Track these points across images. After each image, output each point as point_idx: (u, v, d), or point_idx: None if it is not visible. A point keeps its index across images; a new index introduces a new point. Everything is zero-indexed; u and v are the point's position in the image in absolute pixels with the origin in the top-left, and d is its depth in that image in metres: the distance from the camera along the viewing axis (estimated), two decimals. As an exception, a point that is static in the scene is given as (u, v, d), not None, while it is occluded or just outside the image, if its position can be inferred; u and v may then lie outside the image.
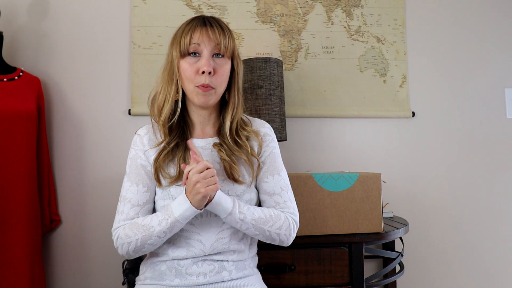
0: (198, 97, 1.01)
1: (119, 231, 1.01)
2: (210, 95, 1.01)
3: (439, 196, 1.95)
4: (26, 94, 1.58)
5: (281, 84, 1.68)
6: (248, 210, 0.98)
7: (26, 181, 1.52)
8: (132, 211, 1.02)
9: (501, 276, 1.97)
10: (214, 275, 1.02)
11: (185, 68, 1.00)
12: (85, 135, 1.77)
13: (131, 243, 0.98)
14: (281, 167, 1.10)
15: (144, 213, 1.03)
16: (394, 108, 1.93)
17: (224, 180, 1.03)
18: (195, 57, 1.00)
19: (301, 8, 1.91)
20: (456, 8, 2.01)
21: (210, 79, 0.99)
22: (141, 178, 1.03)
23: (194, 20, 1.03)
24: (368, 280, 1.46)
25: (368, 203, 1.38)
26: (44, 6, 1.77)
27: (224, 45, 1.00)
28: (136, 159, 1.05)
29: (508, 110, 2.01)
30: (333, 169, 1.88)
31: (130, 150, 1.07)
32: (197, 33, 0.99)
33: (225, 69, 1.02)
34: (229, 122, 1.05)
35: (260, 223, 0.99)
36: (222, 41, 1.00)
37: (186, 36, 1.00)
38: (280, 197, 1.05)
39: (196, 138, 1.07)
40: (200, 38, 0.99)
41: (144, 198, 1.03)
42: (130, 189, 1.03)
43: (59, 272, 1.72)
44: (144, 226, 0.97)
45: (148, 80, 1.79)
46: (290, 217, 1.04)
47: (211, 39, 0.99)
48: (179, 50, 1.01)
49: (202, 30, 1.00)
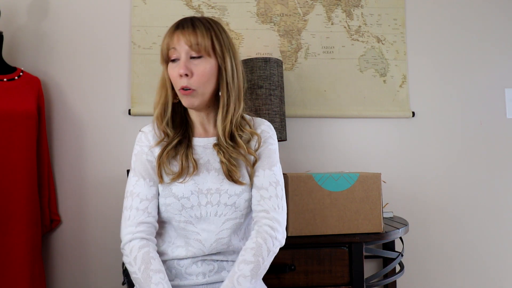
0: (183, 100, 1.02)
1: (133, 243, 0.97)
2: (193, 96, 1.00)
3: (439, 196, 1.95)
4: (26, 94, 1.58)
5: (281, 84, 1.68)
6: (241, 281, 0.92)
7: (26, 181, 1.52)
8: (141, 205, 1.00)
9: (501, 276, 1.96)
10: (213, 275, 1.02)
11: (170, 74, 1.01)
12: (85, 135, 1.77)
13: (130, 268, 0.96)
14: (275, 162, 1.07)
15: (153, 207, 1.01)
16: (394, 108, 1.93)
17: (224, 180, 1.02)
18: (175, 62, 1.00)
19: (301, 8, 1.91)
20: (456, 8, 2.01)
21: (188, 81, 0.98)
22: (147, 172, 1.03)
23: (173, 25, 1.02)
24: (368, 280, 1.46)
25: (368, 203, 1.37)
26: (44, 6, 1.77)
27: (197, 44, 0.98)
28: (142, 155, 1.05)
29: (508, 110, 2.01)
30: (333, 169, 1.88)
31: (134, 147, 1.07)
32: (173, 38, 0.99)
33: (204, 69, 0.99)
34: (220, 122, 1.03)
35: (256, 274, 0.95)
36: (193, 41, 0.98)
37: (164, 42, 1.01)
38: (266, 191, 1.02)
39: (198, 137, 1.07)
40: (176, 41, 0.99)
41: (152, 193, 1.02)
42: (137, 184, 1.02)
43: (59, 272, 1.72)
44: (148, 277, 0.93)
45: (148, 80, 1.79)
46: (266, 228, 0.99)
47: (185, 41, 0.98)
48: (161, 57, 1.02)
49: (176, 34, 0.99)
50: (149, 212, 1.00)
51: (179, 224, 1.02)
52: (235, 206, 1.02)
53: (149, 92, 1.77)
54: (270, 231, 0.99)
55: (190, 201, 1.00)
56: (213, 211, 1.01)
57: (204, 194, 1.01)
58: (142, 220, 0.99)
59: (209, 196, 1.01)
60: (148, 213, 1.00)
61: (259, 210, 1.02)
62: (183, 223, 1.01)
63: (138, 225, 0.99)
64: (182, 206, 1.00)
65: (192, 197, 1.00)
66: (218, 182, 1.01)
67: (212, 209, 1.01)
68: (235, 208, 1.02)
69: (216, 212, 1.01)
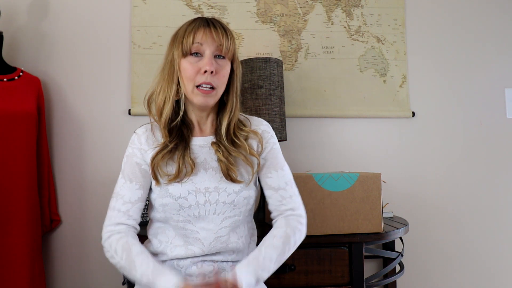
0: (197, 98, 1.01)
1: (111, 238, 1.00)
2: (211, 96, 1.01)
3: (439, 196, 1.95)
4: (26, 94, 1.58)
5: (281, 84, 1.68)
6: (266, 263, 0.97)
7: (26, 181, 1.52)
8: (123, 207, 1.02)
9: (501, 276, 1.97)
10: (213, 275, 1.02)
11: (186, 68, 1.00)
12: (85, 135, 1.77)
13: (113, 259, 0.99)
14: (283, 162, 1.11)
15: (136, 211, 1.04)
16: (394, 108, 1.93)
17: (222, 178, 1.03)
18: (197, 57, 1.01)
19: (301, 8, 1.91)
20: (456, 8, 2.01)
21: (212, 79, 0.99)
22: (135, 175, 1.04)
23: (196, 21, 1.03)
24: (368, 280, 1.46)
25: (368, 203, 1.38)
26: (44, 6, 1.77)
27: (226, 47, 1.01)
28: (132, 157, 1.05)
29: (508, 110, 2.01)
30: (333, 169, 1.88)
31: (127, 148, 1.08)
32: (200, 33, 1.00)
33: (226, 71, 1.03)
34: (226, 124, 1.05)
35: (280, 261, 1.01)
36: (224, 42, 1.00)
37: (189, 35, 1.00)
38: (285, 191, 1.07)
39: (195, 136, 1.07)
40: (203, 38, 1.00)
41: (136, 196, 1.04)
42: (124, 186, 1.04)
43: (59, 272, 1.72)
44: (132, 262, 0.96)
45: (148, 80, 1.78)
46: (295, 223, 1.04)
47: (214, 39, 1.00)
48: (181, 49, 1.01)
49: (206, 31, 1.00)
50: (129, 215, 1.03)
51: (177, 224, 1.02)
52: (234, 204, 1.03)
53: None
54: (299, 226, 1.05)
55: (188, 200, 1.00)
56: (212, 209, 1.01)
57: (202, 193, 1.01)
58: (121, 222, 1.02)
59: (208, 195, 1.01)
60: (129, 216, 1.02)
61: (284, 209, 1.06)
62: (182, 222, 1.02)
63: (117, 225, 1.02)
64: (179, 206, 1.00)
65: (189, 197, 1.00)
66: (216, 181, 1.02)
67: (211, 207, 1.01)
68: (233, 206, 1.03)
69: (215, 210, 1.02)
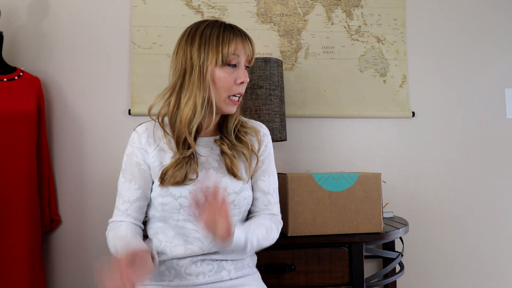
0: (228, 107, 1.04)
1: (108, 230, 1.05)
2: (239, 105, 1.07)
3: (439, 196, 1.95)
4: (26, 94, 1.58)
5: (281, 84, 1.68)
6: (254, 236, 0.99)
7: (26, 181, 1.52)
8: (123, 206, 1.05)
9: (501, 276, 1.96)
10: (213, 274, 1.02)
11: (223, 77, 1.00)
12: (85, 135, 1.77)
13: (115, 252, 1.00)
14: (274, 168, 1.15)
15: (135, 209, 1.05)
16: (394, 108, 1.93)
17: (222, 178, 1.03)
18: (233, 67, 1.02)
19: (301, 8, 1.91)
20: (456, 8, 2.01)
21: (243, 89, 1.05)
22: (133, 175, 1.05)
23: (229, 29, 1.02)
24: (368, 280, 1.46)
25: (368, 203, 1.37)
26: (44, 6, 1.77)
27: (252, 56, 1.06)
28: (132, 157, 1.06)
29: (508, 110, 2.01)
30: (333, 169, 1.88)
31: (127, 147, 1.08)
32: (240, 44, 1.02)
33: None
34: (233, 122, 1.09)
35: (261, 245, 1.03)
36: (252, 53, 1.05)
37: (230, 46, 0.99)
38: (272, 197, 1.11)
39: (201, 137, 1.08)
40: (241, 49, 1.02)
41: (135, 196, 1.05)
42: (124, 186, 1.06)
43: (59, 272, 1.72)
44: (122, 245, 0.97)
45: (148, 80, 1.79)
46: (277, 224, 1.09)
47: (247, 52, 1.03)
48: (220, 58, 0.99)
49: (244, 42, 1.03)
50: (128, 214, 1.05)
51: (177, 223, 1.02)
52: (234, 203, 1.03)
53: (149, 92, 1.77)
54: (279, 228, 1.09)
55: (188, 200, 1.00)
56: None
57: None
58: (120, 220, 1.05)
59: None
60: (127, 215, 1.05)
61: (267, 213, 1.09)
62: (182, 221, 1.02)
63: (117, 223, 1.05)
64: (180, 205, 1.00)
65: (190, 196, 1.00)
66: (217, 180, 1.02)
67: None
68: (233, 206, 1.03)
69: None
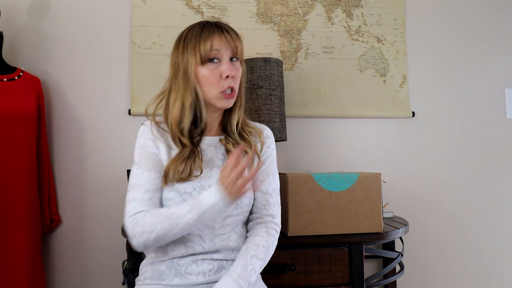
0: (221, 102, 1.04)
1: (137, 218, 0.97)
2: (233, 98, 1.05)
3: (439, 196, 1.95)
4: (26, 94, 1.58)
5: (281, 84, 1.68)
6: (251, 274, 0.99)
7: (26, 181, 1.52)
8: (146, 195, 0.99)
9: (501, 276, 1.96)
10: (213, 274, 1.02)
11: (207, 75, 1.02)
12: (85, 135, 1.77)
13: (153, 232, 0.94)
14: (276, 169, 1.15)
15: (156, 200, 1.01)
16: (394, 108, 1.93)
17: None
18: (215, 63, 1.02)
19: (301, 8, 1.91)
20: (456, 8, 2.01)
21: (233, 82, 1.03)
22: (153, 164, 1.02)
23: (207, 27, 1.03)
24: (368, 280, 1.46)
25: (368, 203, 1.37)
26: (44, 6, 1.77)
27: (239, 49, 1.05)
28: (146, 148, 1.04)
29: (508, 110, 2.01)
30: (333, 169, 1.88)
31: (137, 140, 1.05)
32: (216, 39, 1.01)
33: (240, 72, 1.06)
34: (236, 120, 1.09)
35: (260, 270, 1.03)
36: (238, 45, 1.04)
37: (206, 43, 1.01)
38: (271, 197, 1.10)
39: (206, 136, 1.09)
40: (220, 44, 1.01)
41: (157, 184, 1.02)
42: (142, 176, 1.01)
43: (59, 272, 1.72)
44: (168, 216, 0.95)
45: (148, 80, 1.79)
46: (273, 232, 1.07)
47: (230, 44, 1.03)
48: (198, 57, 1.01)
49: (221, 36, 1.02)
50: (153, 203, 1.00)
51: None
52: (236, 203, 1.03)
53: (149, 92, 1.77)
54: (276, 236, 1.07)
55: (192, 196, 1.00)
56: None
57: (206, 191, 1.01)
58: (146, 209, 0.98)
59: None
60: (152, 204, 1.00)
61: (265, 213, 1.09)
62: None
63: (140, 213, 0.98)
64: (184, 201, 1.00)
65: (194, 193, 1.00)
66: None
67: None
68: (236, 205, 1.04)
69: None
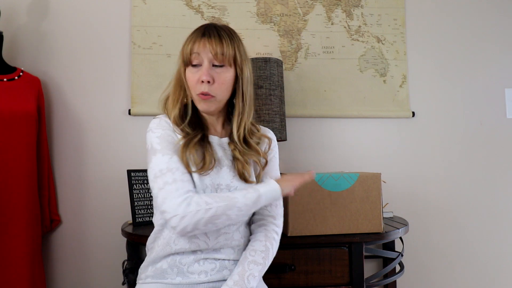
0: (200, 104, 1.05)
1: (191, 197, 0.94)
2: (210, 102, 1.04)
3: (439, 196, 1.95)
4: (26, 94, 1.58)
5: (281, 84, 1.68)
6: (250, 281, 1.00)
7: (26, 181, 1.52)
8: (185, 177, 0.97)
9: (501, 276, 1.96)
10: (215, 273, 1.03)
11: (189, 77, 1.04)
12: (85, 135, 1.77)
13: (210, 210, 0.93)
14: (278, 172, 1.17)
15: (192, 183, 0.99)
16: (394, 108, 1.93)
17: (234, 177, 1.05)
18: (196, 67, 1.03)
19: (301, 8, 1.91)
20: (456, 8, 2.01)
21: (209, 88, 1.02)
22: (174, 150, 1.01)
23: (197, 30, 1.06)
24: (368, 280, 1.46)
25: (368, 203, 1.37)
26: (44, 6, 1.77)
27: (222, 54, 1.01)
28: (167, 137, 1.03)
29: (508, 110, 2.01)
30: (333, 169, 1.88)
31: (154, 132, 1.04)
32: (196, 44, 1.02)
33: (225, 78, 1.03)
34: (235, 127, 1.07)
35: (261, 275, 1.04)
36: (219, 50, 1.01)
37: (188, 46, 1.03)
38: None
39: (212, 135, 1.10)
40: (199, 48, 1.02)
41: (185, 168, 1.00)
42: (172, 160, 0.98)
43: (59, 272, 1.72)
44: (225, 197, 0.96)
45: (148, 80, 1.79)
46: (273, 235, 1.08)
47: (208, 49, 1.01)
48: (182, 59, 1.05)
49: (201, 41, 1.02)
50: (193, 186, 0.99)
51: None
52: None
53: (149, 92, 1.77)
54: (276, 237, 1.08)
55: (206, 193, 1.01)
56: None
57: (215, 189, 1.03)
58: (191, 189, 0.96)
59: (219, 192, 1.03)
60: (194, 185, 0.99)
61: (266, 214, 1.10)
62: None
63: (188, 193, 0.95)
64: None
65: (207, 191, 1.01)
66: (229, 179, 1.05)
67: None
68: None
69: None
